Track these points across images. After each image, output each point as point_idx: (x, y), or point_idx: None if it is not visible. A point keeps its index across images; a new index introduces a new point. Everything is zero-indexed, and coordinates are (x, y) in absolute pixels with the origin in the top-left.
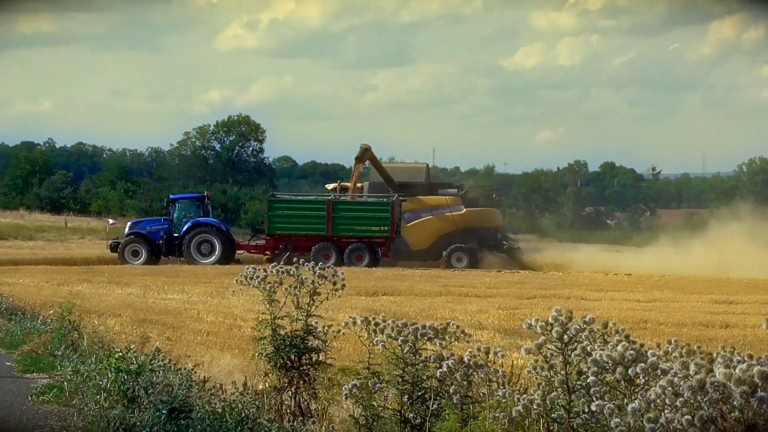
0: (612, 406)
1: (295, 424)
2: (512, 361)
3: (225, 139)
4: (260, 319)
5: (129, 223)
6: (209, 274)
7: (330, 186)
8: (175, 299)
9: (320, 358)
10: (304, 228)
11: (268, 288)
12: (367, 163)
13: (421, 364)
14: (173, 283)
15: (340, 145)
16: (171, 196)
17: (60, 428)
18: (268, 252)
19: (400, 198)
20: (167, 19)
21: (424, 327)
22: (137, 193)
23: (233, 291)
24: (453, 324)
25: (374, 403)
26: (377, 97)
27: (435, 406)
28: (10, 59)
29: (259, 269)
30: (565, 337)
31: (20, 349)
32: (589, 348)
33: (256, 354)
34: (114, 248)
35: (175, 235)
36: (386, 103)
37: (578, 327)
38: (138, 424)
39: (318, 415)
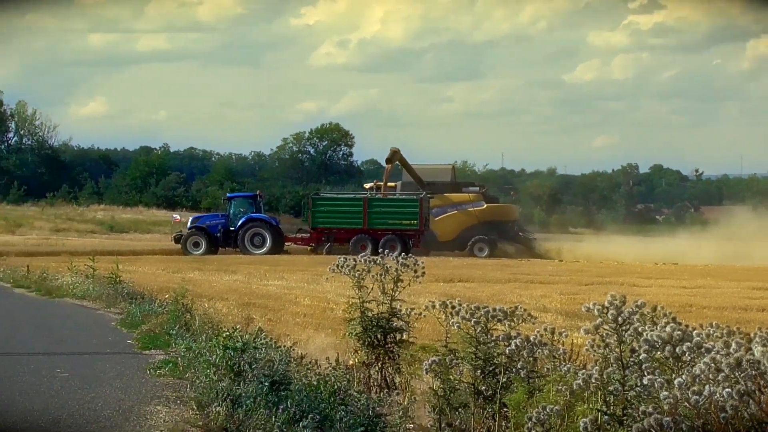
0: (661, 380)
1: (381, 395)
2: (572, 340)
3: (318, 144)
4: (350, 302)
5: (191, 218)
6: (306, 263)
7: (368, 185)
8: (275, 285)
9: (403, 337)
10: (343, 222)
11: (357, 275)
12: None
13: (492, 343)
14: (274, 271)
15: (420, 150)
16: (228, 195)
17: (174, 398)
18: (312, 244)
19: (428, 195)
20: (268, 39)
21: (494, 310)
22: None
23: (327, 278)
24: (521, 307)
25: (451, 376)
26: (452, 107)
27: (504, 379)
28: (131, 74)
29: (349, 259)
30: (620, 318)
31: (140, 329)
32: (640, 329)
33: (347, 333)
34: (177, 240)
35: (231, 228)
36: (460, 113)
37: (631, 310)
38: (243, 395)
39: (401, 387)
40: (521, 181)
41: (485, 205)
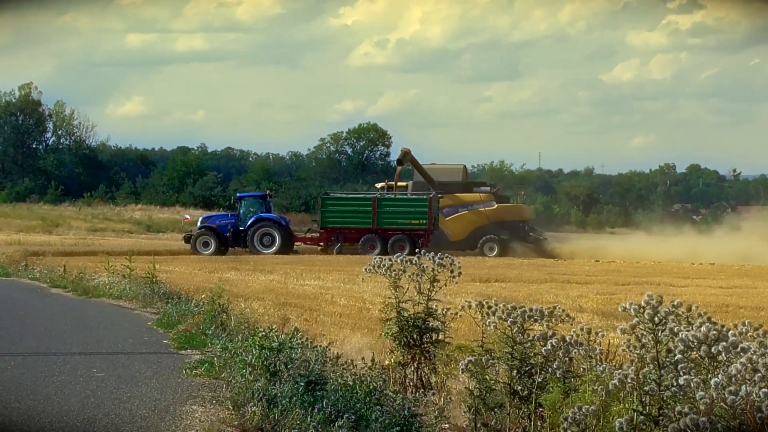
0: (697, 380)
1: (417, 395)
2: (609, 340)
3: (356, 144)
4: (386, 302)
5: (201, 218)
6: (342, 262)
7: (379, 185)
8: (312, 285)
9: (439, 337)
10: (352, 222)
11: (393, 275)
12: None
13: (528, 343)
14: (310, 271)
15: (457, 149)
16: (238, 195)
17: (210, 398)
18: (322, 243)
19: (438, 195)
20: (306, 39)
21: (530, 310)
22: (279, 192)
23: (363, 278)
24: (558, 308)
25: (487, 376)
26: (490, 107)
27: (540, 379)
28: (169, 74)
29: (385, 259)
30: (656, 318)
31: (176, 329)
32: (676, 329)
33: (383, 333)
34: (187, 240)
35: (241, 228)
36: (498, 113)
37: (667, 310)
38: (279, 395)
39: (437, 387)
40: (558, 181)
41: (496, 205)
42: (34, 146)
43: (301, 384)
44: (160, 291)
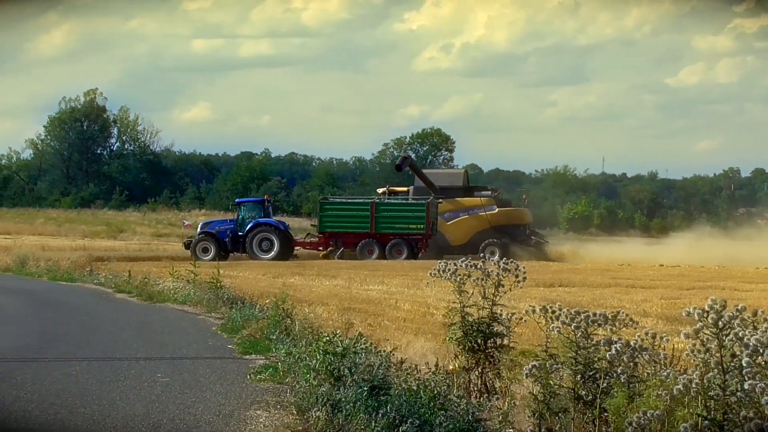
0: (763, 385)
1: (481, 400)
2: (673, 345)
3: (419, 149)
4: (451, 307)
5: (200, 224)
6: (406, 267)
7: (380, 190)
8: (375, 290)
9: (503, 342)
10: (351, 226)
11: (457, 280)
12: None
13: (592, 347)
14: (374, 276)
15: (521, 154)
16: (236, 200)
17: (275, 403)
18: (321, 248)
19: (437, 200)
20: (371, 44)
21: (594, 314)
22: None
23: (427, 283)
24: (622, 312)
25: (551, 381)
26: (555, 111)
27: (605, 384)
28: (235, 80)
29: (449, 263)
30: (720, 323)
31: (240, 334)
32: (741, 333)
33: (447, 338)
34: (187, 246)
35: (240, 234)
36: (563, 118)
37: (731, 314)
38: (343, 399)
39: (501, 392)
40: (622, 185)
41: (497, 210)
42: (98, 152)
43: (365, 389)
44: (224, 296)
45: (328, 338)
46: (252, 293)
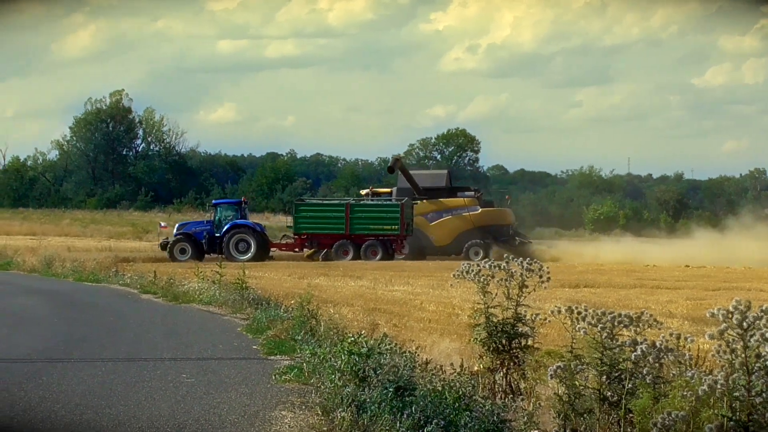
0: None
1: (506, 400)
2: (698, 346)
3: (445, 150)
4: (475, 308)
5: (177, 225)
6: (431, 268)
7: (364, 191)
8: (401, 291)
9: (528, 343)
10: (326, 227)
11: (482, 281)
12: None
13: (617, 348)
14: (400, 277)
15: (547, 155)
16: (213, 201)
17: (300, 404)
18: (297, 249)
19: (412, 201)
20: (397, 45)
21: (620, 315)
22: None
23: (452, 283)
24: (647, 313)
25: (576, 382)
26: (581, 112)
27: (630, 385)
28: (260, 80)
29: (473, 264)
30: (745, 323)
31: (265, 335)
32: (766, 334)
33: (472, 339)
34: (164, 247)
35: (217, 235)
36: (588, 118)
37: (756, 315)
38: (368, 400)
39: (526, 392)
40: (648, 186)
41: (480, 210)
42: (124, 153)
43: (390, 389)
44: (249, 297)
45: (353, 339)
46: (277, 294)
